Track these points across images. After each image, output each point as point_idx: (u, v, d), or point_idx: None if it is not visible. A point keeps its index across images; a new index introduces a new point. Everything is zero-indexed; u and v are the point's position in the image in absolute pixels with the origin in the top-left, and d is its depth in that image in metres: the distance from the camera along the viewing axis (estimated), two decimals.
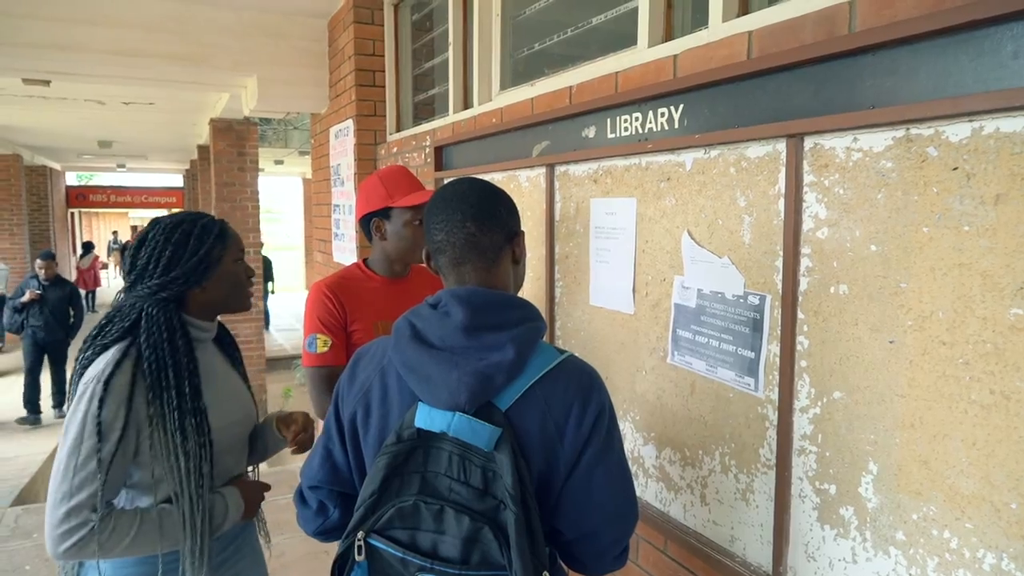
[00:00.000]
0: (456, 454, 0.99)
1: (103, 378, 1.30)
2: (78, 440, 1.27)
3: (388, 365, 1.11)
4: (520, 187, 2.34)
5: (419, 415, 1.02)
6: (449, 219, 1.11)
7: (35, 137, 10.77)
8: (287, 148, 10.70)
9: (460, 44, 3.04)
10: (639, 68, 1.79)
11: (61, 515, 1.25)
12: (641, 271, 1.79)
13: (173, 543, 1.36)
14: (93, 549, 1.26)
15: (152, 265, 1.40)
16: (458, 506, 0.97)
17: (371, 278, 1.96)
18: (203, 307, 1.48)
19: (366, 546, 1.01)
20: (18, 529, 3.88)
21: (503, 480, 0.96)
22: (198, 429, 1.38)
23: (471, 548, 0.96)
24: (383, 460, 1.01)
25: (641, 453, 1.84)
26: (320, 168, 4.66)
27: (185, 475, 1.35)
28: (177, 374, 1.37)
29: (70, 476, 1.26)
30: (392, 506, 1.00)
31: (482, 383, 1.00)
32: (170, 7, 3.92)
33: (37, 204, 13.98)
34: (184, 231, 1.43)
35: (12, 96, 6.83)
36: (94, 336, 1.40)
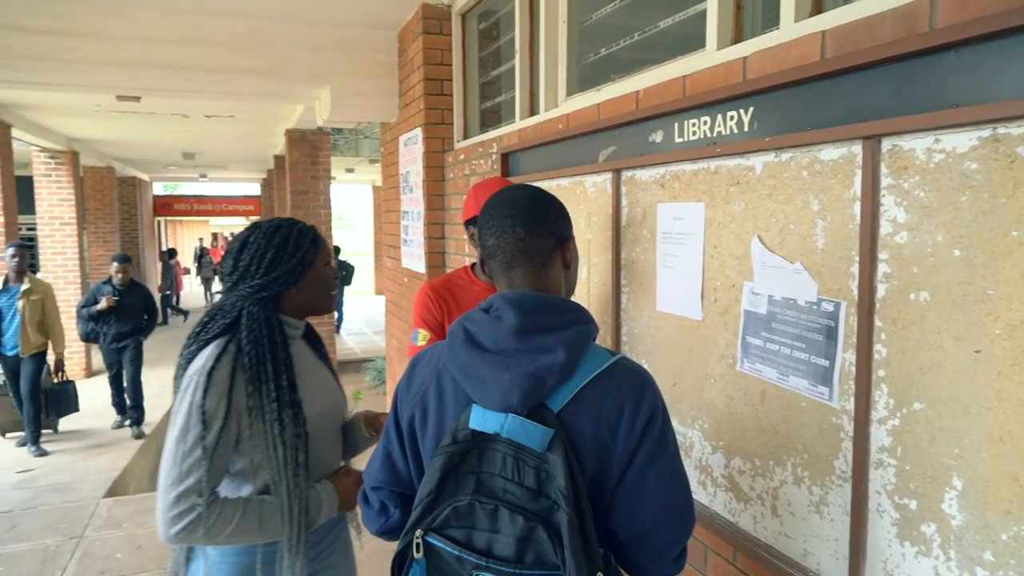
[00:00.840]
0: (510, 455, 1.01)
1: (206, 370, 1.39)
2: (184, 429, 1.36)
3: (444, 369, 1.13)
4: (586, 192, 2.34)
5: (473, 417, 1.04)
6: (499, 224, 1.14)
7: (126, 150, 11.43)
8: (358, 156, 10.99)
9: (526, 51, 3.07)
10: (708, 71, 1.76)
11: (171, 500, 1.33)
12: (709, 277, 1.76)
13: (272, 533, 1.43)
14: (201, 533, 1.34)
15: (254, 266, 1.49)
16: (512, 506, 0.99)
17: (474, 282, 2.15)
18: (296, 307, 1.56)
19: (424, 544, 1.04)
20: (110, 519, 4.12)
21: (556, 481, 0.97)
22: (295, 420, 1.45)
23: (525, 547, 0.98)
24: (439, 461, 1.04)
25: (709, 462, 1.80)
26: (390, 176, 4.77)
27: (283, 464, 1.42)
28: (275, 368, 1.45)
29: (178, 463, 1.34)
30: (448, 505, 1.02)
31: (534, 385, 1.01)
32: (253, 24, 4.10)
33: (127, 213, 14.82)
34: (283, 235, 1.52)
35: (107, 112, 7.28)
36: (197, 332, 1.48)
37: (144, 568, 3.48)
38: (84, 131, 9.09)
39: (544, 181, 2.62)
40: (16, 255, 5.83)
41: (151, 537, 3.83)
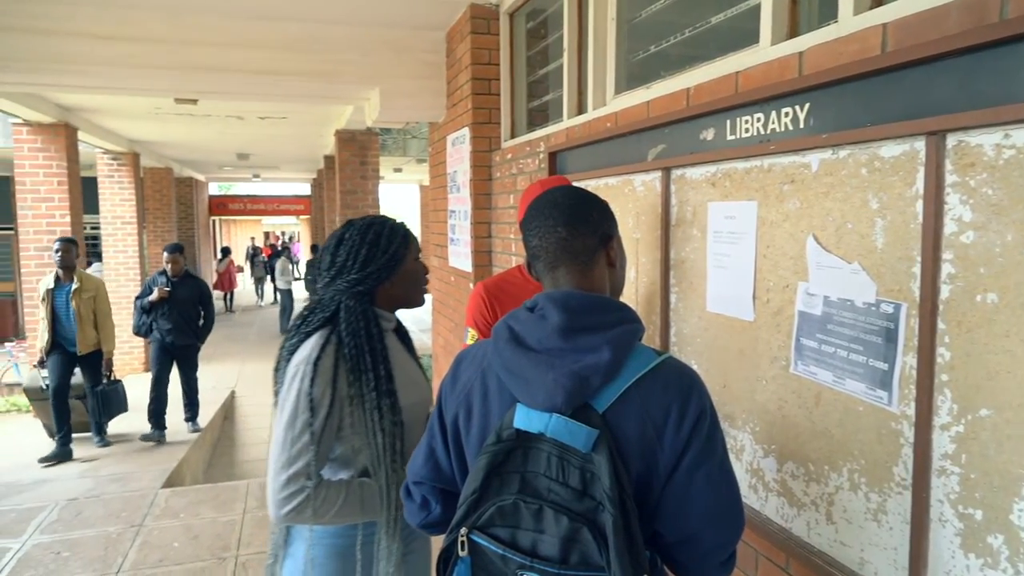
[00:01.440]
0: (554, 455, 1.00)
1: (312, 359, 1.46)
2: (293, 415, 1.43)
3: (488, 367, 1.14)
4: (635, 191, 2.32)
5: (518, 416, 1.04)
6: (542, 225, 1.15)
7: (183, 151, 11.82)
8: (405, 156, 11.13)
9: (575, 49, 3.06)
10: (761, 67, 1.73)
11: (282, 482, 1.41)
12: (762, 277, 1.73)
13: (372, 513, 1.50)
14: (309, 513, 1.42)
15: (350, 262, 1.56)
16: (557, 506, 0.98)
17: (529, 281, 2.16)
18: (388, 301, 1.63)
19: (468, 542, 1.04)
20: (168, 509, 4.26)
21: (601, 482, 0.97)
22: (392, 409, 1.52)
23: (570, 548, 0.97)
24: (484, 460, 1.04)
25: (761, 466, 1.77)
26: (437, 175, 4.82)
27: (382, 451, 1.49)
28: (373, 359, 1.52)
29: (288, 447, 1.42)
30: (493, 504, 1.03)
31: (578, 384, 1.00)
32: (305, 28, 4.19)
33: (184, 212, 15.32)
34: (376, 232, 1.58)
35: (166, 114, 7.53)
36: (298, 325, 1.56)
37: (200, 557, 3.59)
38: (144, 133, 9.43)
39: (592, 180, 2.61)
40: (60, 250, 5.57)
41: (206, 527, 3.95)
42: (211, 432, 7.20)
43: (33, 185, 7.20)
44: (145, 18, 3.97)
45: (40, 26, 3.85)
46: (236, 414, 8.50)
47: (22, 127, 7.09)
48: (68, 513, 4.18)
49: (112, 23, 3.93)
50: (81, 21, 3.89)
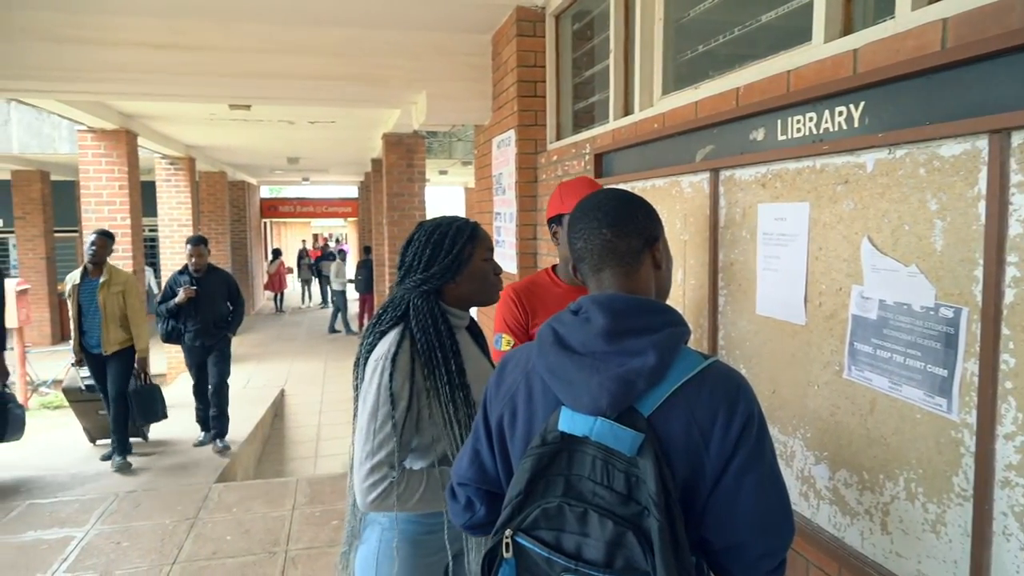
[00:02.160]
0: (599, 458, 1.00)
1: (390, 356, 1.53)
2: (375, 408, 1.50)
3: (533, 370, 1.14)
4: (682, 193, 2.30)
5: (562, 419, 1.04)
6: (587, 227, 1.15)
7: (237, 155, 12.15)
8: (451, 159, 11.22)
9: (621, 50, 3.04)
10: (814, 65, 1.69)
11: (366, 471, 1.48)
12: (814, 280, 1.69)
13: None
14: (393, 500, 1.48)
15: (416, 262, 1.62)
16: (601, 510, 0.98)
17: (557, 284, 2.11)
18: (457, 299, 1.66)
19: (513, 544, 1.04)
20: (221, 503, 4.38)
21: (646, 486, 0.96)
22: (465, 402, 1.57)
23: (615, 552, 0.97)
24: (528, 462, 1.04)
25: (812, 473, 1.73)
26: (483, 177, 4.84)
27: (459, 441, 1.54)
28: (443, 354, 1.57)
29: (371, 438, 1.49)
30: (537, 507, 1.03)
31: (623, 388, 1.00)
32: (353, 33, 4.27)
33: (237, 215, 15.74)
34: (441, 232, 1.63)
35: (220, 120, 7.76)
36: (373, 325, 1.64)
37: (251, 551, 3.68)
38: (200, 138, 9.74)
39: (639, 182, 2.59)
40: (95, 244, 5.15)
41: (257, 522, 4.05)
42: (262, 429, 7.38)
43: (96, 189, 7.50)
44: (198, 27, 4.10)
45: (104, 37, 4.02)
46: (286, 412, 8.69)
47: (87, 133, 7.39)
48: (127, 504, 4.34)
49: (168, 33, 4.08)
50: (140, 31, 4.04)
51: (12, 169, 12.34)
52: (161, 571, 3.47)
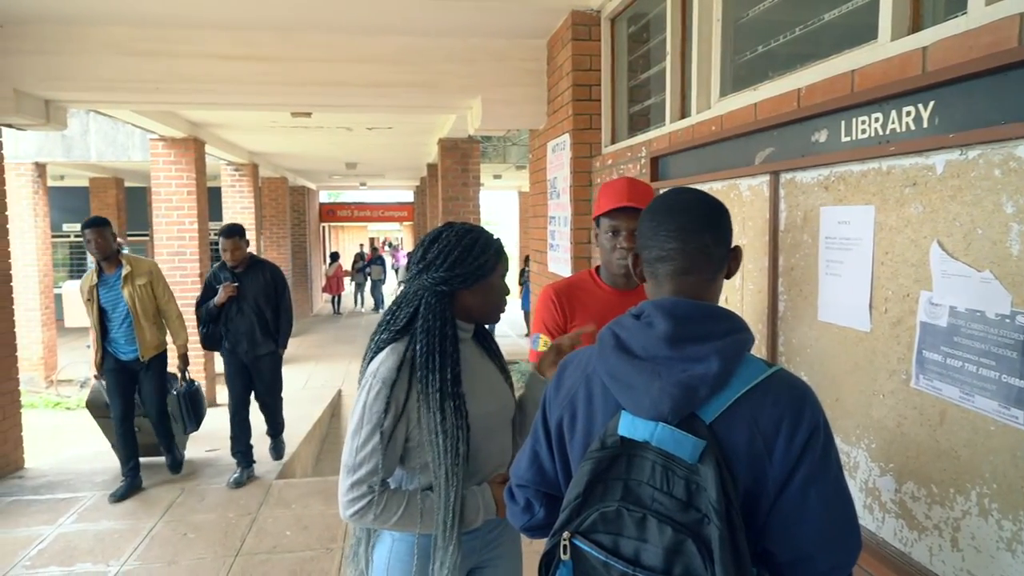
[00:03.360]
0: (659, 464, 0.99)
1: (379, 374, 1.50)
2: (359, 425, 1.50)
3: (593, 373, 1.13)
4: (741, 196, 2.26)
5: (622, 423, 1.03)
6: (684, 227, 1.09)
7: (297, 161, 12.49)
8: (505, 163, 11.28)
9: (678, 52, 3.01)
10: (880, 64, 1.64)
11: (347, 486, 1.49)
12: (879, 285, 1.64)
13: (429, 527, 1.54)
14: (371, 517, 1.49)
15: (440, 260, 1.57)
16: (661, 516, 0.97)
17: (600, 286, 2.05)
18: (465, 310, 1.63)
19: (571, 546, 1.04)
20: (281, 500, 4.51)
21: (707, 494, 0.94)
22: (456, 412, 1.53)
23: (673, 559, 0.95)
24: (587, 465, 1.04)
25: (877, 485, 1.67)
26: (537, 181, 4.85)
27: (443, 452, 1.51)
28: (442, 360, 1.54)
29: (353, 454, 1.49)
30: (596, 510, 1.02)
31: (685, 394, 0.98)
32: (410, 41, 4.35)
33: (297, 219, 16.17)
34: (472, 238, 1.60)
35: (282, 127, 8.00)
36: (387, 321, 1.60)
37: (309, 547, 3.77)
38: (263, 145, 10.06)
39: (695, 185, 2.56)
40: (90, 239, 4.20)
41: (316, 518, 4.15)
42: (319, 428, 7.55)
43: (167, 195, 7.82)
44: (263, 39, 4.25)
45: (175, 50, 4.20)
46: (343, 411, 8.87)
47: (158, 142, 7.72)
48: (193, 498, 4.51)
49: (235, 44, 4.23)
50: (209, 44, 4.21)
51: (90, 176, 12.99)
52: (224, 563, 3.59)
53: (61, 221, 14.58)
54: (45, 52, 4.13)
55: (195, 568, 3.55)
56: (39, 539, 3.88)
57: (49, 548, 3.77)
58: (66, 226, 15.15)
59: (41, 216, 10.41)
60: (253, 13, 4.02)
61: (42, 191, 10.40)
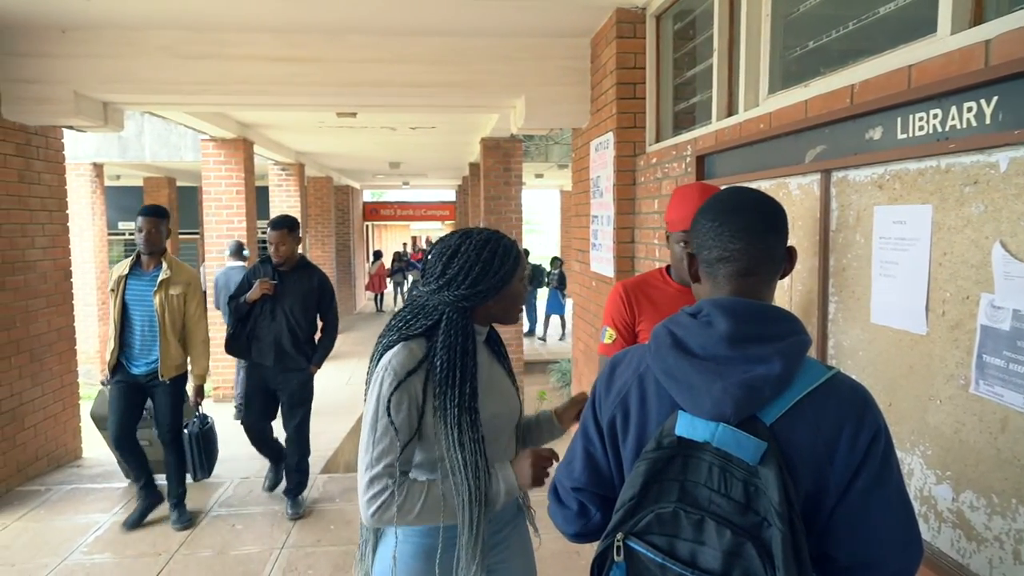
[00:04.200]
0: (716, 465, 0.97)
1: (394, 366, 1.49)
2: (374, 419, 1.48)
3: (646, 371, 1.11)
4: (790, 195, 2.21)
5: (680, 423, 1.02)
6: (749, 228, 1.07)
7: (342, 161, 12.69)
8: (547, 162, 11.26)
9: (725, 49, 2.96)
10: (939, 59, 1.59)
11: (366, 483, 1.47)
12: (937, 287, 1.59)
13: (453, 516, 1.52)
14: (394, 512, 1.46)
15: (461, 277, 1.55)
16: (719, 518, 0.95)
17: (669, 284, 2.10)
18: (485, 316, 1.63)
19: (624, 548, 1.03)
20: (325, 494, 4.59)
21: (768, 496, 0.93)
22: (472, 425, 1.52)
23: (732, 562, 0.94)
24: (643, 466, 1.02)
25: (933, 493, 1.62)
26: (580, 180, 4.84)
27: (462, 465, 1.50)
28: (462, 375, 1.52)
29: (371, 450, 1.47)
30: (651, 512, 1.01)
31: (749, 395, 0.97)
32: (454, 41, 4.38)
33: (342, 218, 16.43)
34: (491, 250, 1.57)
35: (328, 128, 8.14)
36: (399, 326, 1.57)
37: (352, 541, 3.83)
38: (309, 146, 10.25)
39: (743, 183, 2.52)
40: (143, 227, 3.71)
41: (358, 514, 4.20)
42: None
43: (216, 194, 8.03)
44: (311, 40, 4.33)
45: (227, 53, 4.31)
46: None
47: (209, 142, 7.94)
48: (242, 490, 4.62)
49: (284, 46, 4.32)
50: (259, 46, 4.31)
51: (144, 176, 13.42)
52: (271, 554, 3.68)
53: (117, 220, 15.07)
54: (104, 56, 4.27)
55: (243, 559, 3.64)
56: (96, 527, 4.02)
57: (104, 536, 3.91)
58: (121, 224, 15.67)
59: (98, 215, 10.80)
60: (301, 16, 4.10)
61: (99, 190, 10.79)
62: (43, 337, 4.81)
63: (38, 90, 4.29)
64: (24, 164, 4.54)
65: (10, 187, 4.40)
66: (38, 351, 4.74)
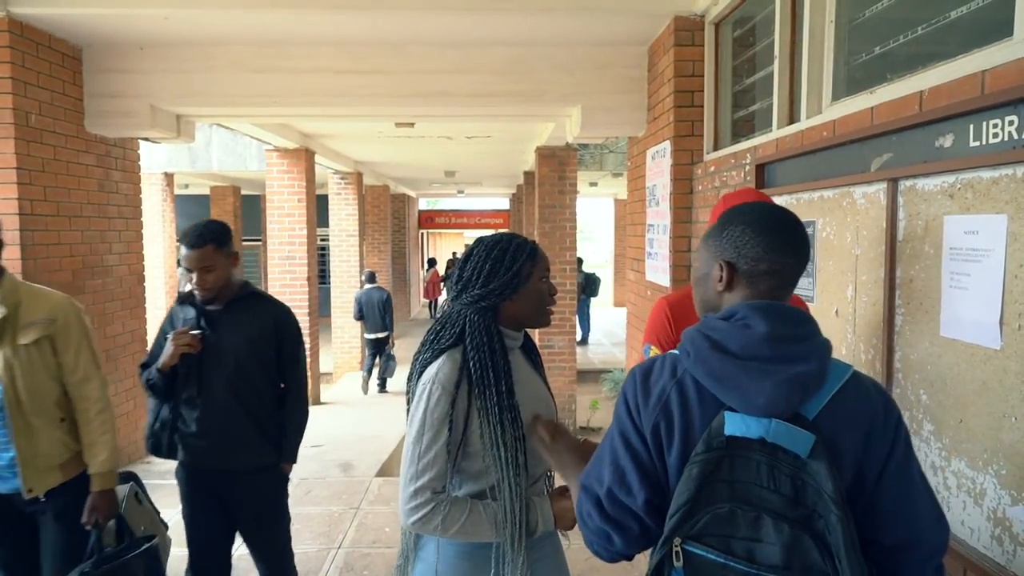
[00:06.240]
0: (763, 463, 1.01)
1: (438, 379, 1.53)
2: (419, 432, 1.51)
3: (684, 376, 1.12)
4: (855, 204, 2.16)
5: (730, 423, 1.04)
6: (800, 244, 1.15)
7: (398, 170, 12.94)
8: (602, 171, 11.23)
9: (787, 55, 2.91)
10: (1015, 63, 1.53)
11: (409, 494, 1.50)
12: (1012, 300, 1.53)
13: (495, 534, 1.54)
14: (436, 524, 1.49)
15: (474, 277, 1.60)
16: (774, 513, 0.99)
17: None
18: (512, 319, 1.64)
19: (683, 552, 1.03)
20: (380, 496, 4.68)
21: (821, 486, 0.98)
22: (513, 423, 1.55)
23: (792, 555, 0.97)
24: (695, 469, 1.04)
25: (1007, 515, 1.56)
26: (636, 189, 4.81)
27: (504, 463, 1.53)
28: (495, 374, 1.55)
29: (415, 462, 1.50)
30: (707, 513, 1.02)
31: (798, 390, 1.03)
32: (512, 51, 4.43)
33: (397, 226, 16.74)
34: (502, 248, 1.61)
35: (386, 137, 8.31)
36: (431, 340, 1.63)
37: None
38: (368, 155, 10.49)
39: (804, 193, 2.47)
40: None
41: None
42: None
43: (279, 202, 8.29)
44: (374, 53, 4.45)
45: (293, 66, 4.47)
46: None
47: (273, 152, 8.21)
48: (300, 490, 4.75)
49: (345, 59, 4.45)
50: (322, 59, 4.45)
51: (211, 185, 13.95)
52: (328, 554, 3.77)
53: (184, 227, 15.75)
54: (179, 71, 4.48)
55: (301, 559, 3.73)
56: None
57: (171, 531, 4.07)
58: None
59: (168, 222, 11.28)
60: (364, 30, 4.22)
61: (170, 199, 11.28)
62: (118, 338, 5.05)
63: (117, 104, 4.53)
64: (104, 174, 4.79)
65: (91, 196, 4.65)
66: (113, 351, 4.98)
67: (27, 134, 4.01)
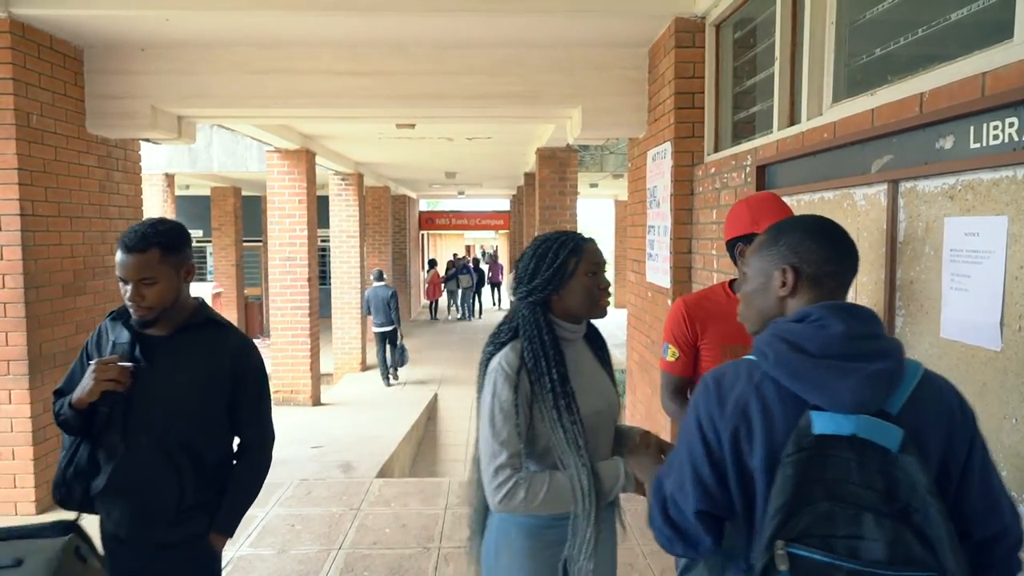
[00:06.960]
0: (853, 460, 1.02)
1: (504, 367, 1.62)
2: (492, 415, 1.60)
3: (762, 379, 1.13)
4: (855, 206, 2.16)
5: (818, 422, 1.05)
6: (854, 250, 1.21)
7: (398, 171, 12.95)
8: (602, 172, 11.24)
9: (787, 57, 2.92)
10: (1016, 65, 1.54)
11: (491, 473, 1.58)
12: (1013, 301, 1.53)
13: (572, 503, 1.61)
14: (520, 497, 1.56)
15: (525, 275, 1.70)
16: (873, 510, 1.00)
17: (732, 301, 2.01)
18: (564, 311, 1.71)
19: (787, 555, 1.02)
20: (380, 498, 4.67)
21: (915, 480, 1.00)
22: (568, 408, 1.62)
23: (895, 550, 0.98)
24: (788, 470, 1.04)
25: None
26: (636, 190, 4.82)
27: (567, 445, 1.60)
28: (547, 363, 1.63)
29: (492, 443, 1.59)
30: (806, 514, 1.02)
31: (883, 386, 1.05)
32: (512, 52, 4.44)
33: (398, 227, 16.73)
34: (547, 246, 1.69)
35: (387, 139, 8.33)
36: (493, 336, 1.73)
37: (407, 545, 3.89)
38: (368, 156, 10.50)
39: (805, 195, 2.47)
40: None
41: (413, 518, 4.27)
42: (417, 431, 7.77)
43: (280, 203, 8.31)
44: (371, 54, 4.45)
45: (294, 67, 4.47)
46: (438, 415, 9.08)
47: (274, 153, 8.22)
48: (300, 491, 4.75)
49: (347, 60, 4.46)
50: (323, 60, 4.45)
51: (211, 186, 13.97)
52: (329, 555, 3.77)
53: None
54: (179, 72, 4.49)
55: (302, 558, 3.74)
56: None
57: None
58: None
59: None
60: (364, 31, 4.22)
61: (170, 199, 11.28)
62: None
63: (119, 105, 4.53)
64: (105, 175, 4.79)
65: (92, 196, 4.65)
66: None
67: (28, 135, 4.01)
